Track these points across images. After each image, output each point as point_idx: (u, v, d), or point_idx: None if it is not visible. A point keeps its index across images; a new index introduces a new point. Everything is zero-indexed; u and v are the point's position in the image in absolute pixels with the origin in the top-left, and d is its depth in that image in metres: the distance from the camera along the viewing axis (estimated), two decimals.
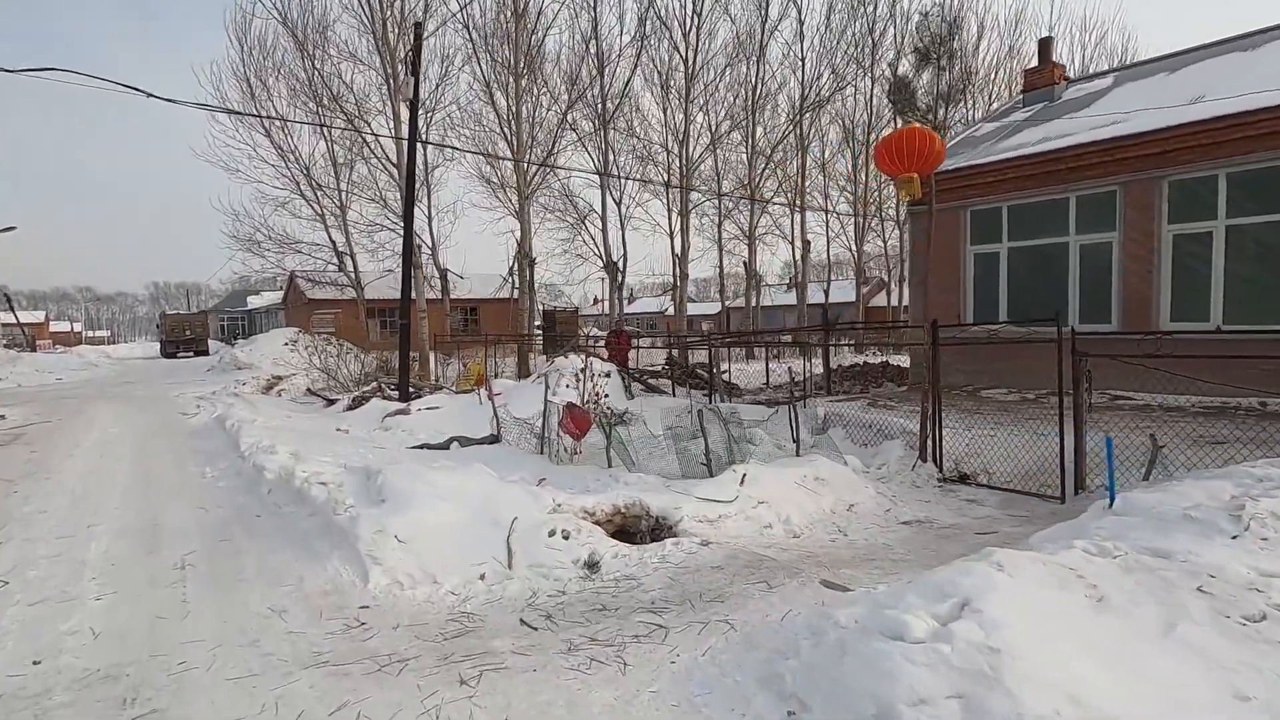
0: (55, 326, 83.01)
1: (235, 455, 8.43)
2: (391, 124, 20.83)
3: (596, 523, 5.48)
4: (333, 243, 27.24)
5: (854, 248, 36.61)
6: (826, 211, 33.89)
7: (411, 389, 15.46)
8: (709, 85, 27.82)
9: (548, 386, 8.95)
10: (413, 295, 24.31)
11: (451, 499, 5.13)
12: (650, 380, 14.43)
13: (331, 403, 15.25)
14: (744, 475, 6.17)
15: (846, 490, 6.51)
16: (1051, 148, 10.90)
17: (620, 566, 4.66)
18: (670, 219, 32.61)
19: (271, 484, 6.54)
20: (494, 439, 9.63)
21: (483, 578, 4.46)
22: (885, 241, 38.41)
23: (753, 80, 28.39)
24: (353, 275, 27.97)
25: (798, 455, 7.14)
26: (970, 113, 30.40)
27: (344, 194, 26.35)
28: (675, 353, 16.81)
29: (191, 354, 40.90)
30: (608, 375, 12.53)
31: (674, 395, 12.54)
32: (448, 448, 9.64)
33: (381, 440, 10.36)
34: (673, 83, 27.07)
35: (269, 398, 17.31)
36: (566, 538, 4.93)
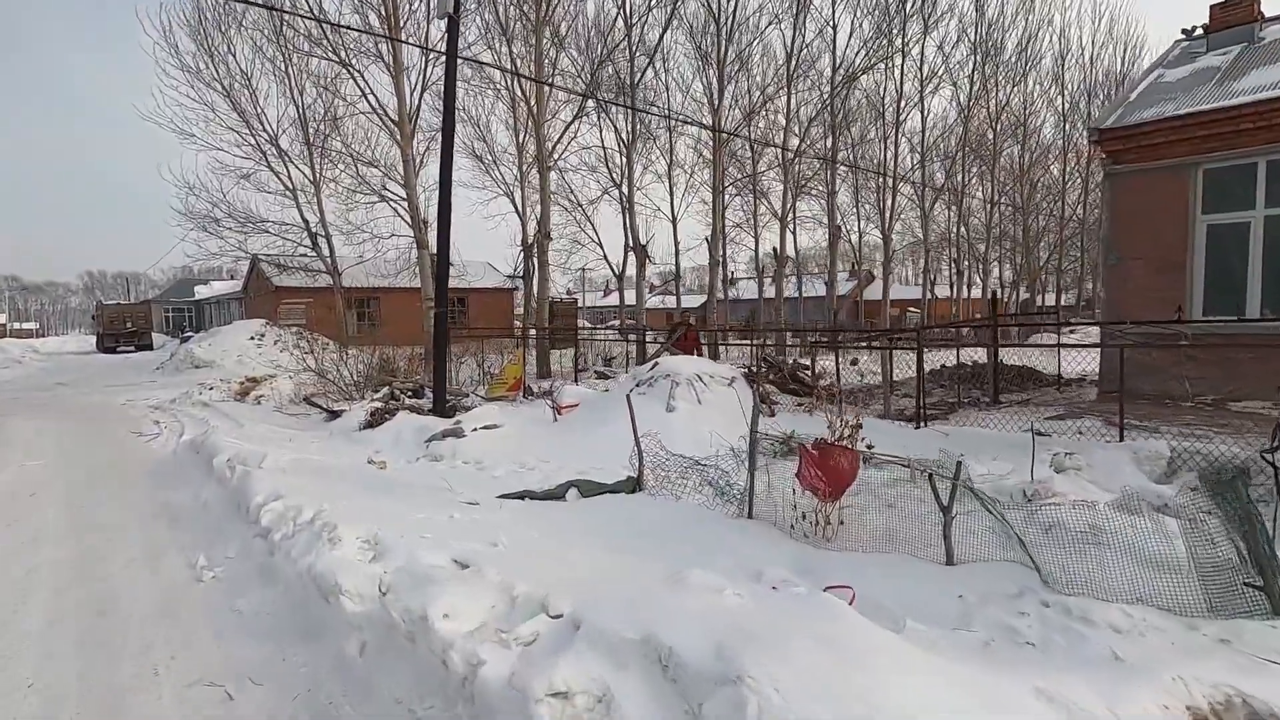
0: None
1: (247, 528, 5.02)
2: (390, 70, 17.15)
3: None
4: (305, 222, 23.43)
5: (851, 236, 34.17)
6: (881, 174, 31.26)
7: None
8: (742, 53, 24.75)
9: (751, 399, 5.72)
10: (421, 275, 20.91)
11: None
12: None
13: (334, 415, 11.73)
14: None
15: None
16: None
17: None
18: (673, 203, 29.54)
19: (364, 630, 3.22)
20: (634, 485, 6.40)
21: None
22: (887, 231, 35.93)
23: (788, 47, 25.43)
24: (329, 260, 24.21)
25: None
26: None
27: (318, 163, 22.57)
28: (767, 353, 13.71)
29: (133, 349, 36.09)
30: (730, 382, 9.35)
31: (839, 410, 9.40)
32: (563, 497, 6.39)
33: (453, 480, 6.98)
34: (704, 44, 23.94)
35: (247, 406, 13.64)
36: None
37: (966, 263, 36.75)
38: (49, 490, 6.89)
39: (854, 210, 36.25)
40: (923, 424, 7.57)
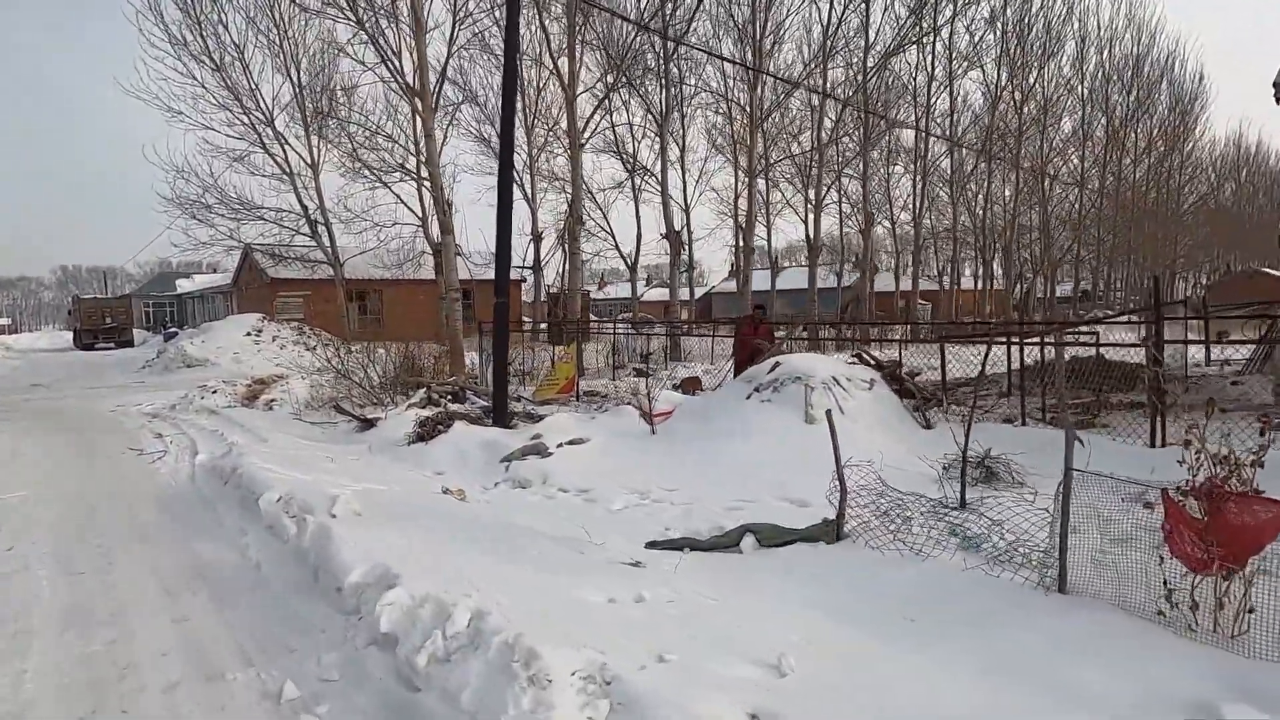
0: None
1: (343, 622, 3.34)
2: (409, 35, 15.26)
3: None
4: (303, 208, 21.53)
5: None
6: (927, 140, 29.79)
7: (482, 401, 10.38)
8: (778, 27, 23.11)
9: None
10: (448, 264, 19.21)
11: None
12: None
13: (368, 424, 10.01)
14: None
15: None
16: None
17: None
18: (686, 191, 27.47)
19: None
20: (833, 530, 4.78)
21: None
22: (894, 223, 34.53)
23: (824, 23, 23.83)
24: (329, 249, 22.31)
25: None
26: None
27: (318, 143, 20.72)
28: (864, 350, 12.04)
29: (113, 346, 33.77)
30: (870, 385, 7.74)
31: (1022, 422, 7.80)
32: (738, 546, 4.77)
33: (569, 517, 5.32)
34: (740, 17, 22.29)
35: (259, 412, 11.87)
36: None
37: (992, 252, 35.32)
38: (34, 540, 5.14)
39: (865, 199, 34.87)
40: (1164, 443, 5.97)
